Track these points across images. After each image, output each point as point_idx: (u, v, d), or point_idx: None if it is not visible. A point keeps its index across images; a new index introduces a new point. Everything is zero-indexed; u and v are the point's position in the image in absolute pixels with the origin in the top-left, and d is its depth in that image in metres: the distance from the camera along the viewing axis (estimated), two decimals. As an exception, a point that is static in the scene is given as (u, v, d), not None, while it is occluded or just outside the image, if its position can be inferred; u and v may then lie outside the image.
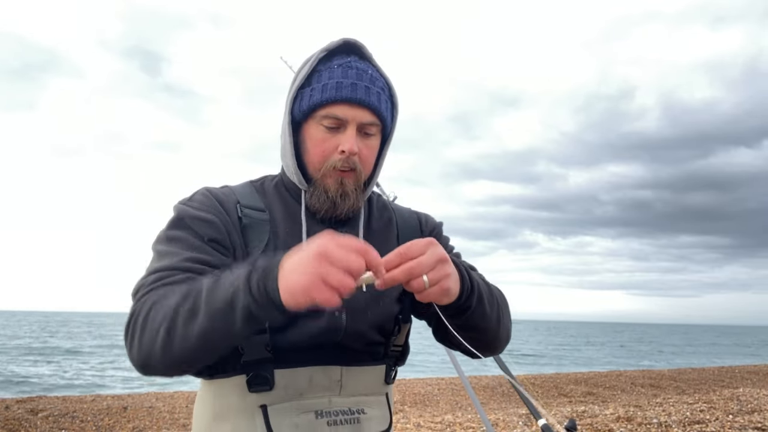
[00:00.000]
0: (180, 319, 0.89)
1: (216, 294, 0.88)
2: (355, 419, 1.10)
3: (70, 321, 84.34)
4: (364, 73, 1.11)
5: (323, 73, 1.11)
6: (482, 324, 1.07)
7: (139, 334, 0.93)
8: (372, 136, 1.12)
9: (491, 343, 1.13)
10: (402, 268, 0.87)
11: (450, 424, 6.68)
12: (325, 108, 1.09)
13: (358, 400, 1.12)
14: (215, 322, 0.88)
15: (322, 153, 1.10)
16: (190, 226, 1.07)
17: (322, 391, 1.08)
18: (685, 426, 5.90)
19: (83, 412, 8.14)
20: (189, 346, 0.89)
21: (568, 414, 6.85)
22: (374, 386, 1.15)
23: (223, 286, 0.88)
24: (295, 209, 1.15)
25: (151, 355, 0.92)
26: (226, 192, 1.15)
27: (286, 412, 1.05)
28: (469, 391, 2.75)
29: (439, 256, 0.91)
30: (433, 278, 0.89)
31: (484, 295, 1.06)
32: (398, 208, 1.31)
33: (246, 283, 0.86)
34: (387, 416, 1.16)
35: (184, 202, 1.12)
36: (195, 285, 0.92)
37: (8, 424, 7.24)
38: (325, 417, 1.07)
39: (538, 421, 2.57)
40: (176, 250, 1.04)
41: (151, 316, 0.93)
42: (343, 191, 1.10)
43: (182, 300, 0.91)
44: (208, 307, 0.88)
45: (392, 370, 1.20)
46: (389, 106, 1.15)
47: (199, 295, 0.90)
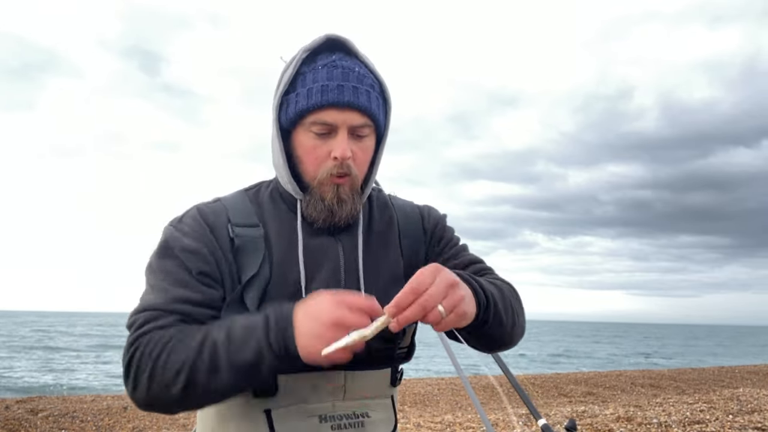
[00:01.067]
0: (200, 375, 0.91)
1: (237, 352, 0.91)
2: (360, 423, 1.09)
3: (70, 321, 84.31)
4: (350, 72, 1.05)
5: (307, 75, 1.05)
6: (498, 332, 1.05)
7: (147, 379, 0.93)
8: (365, 137, 1.08)
9: (503, 344, 1.12)
10: (416, 304, 0.85)
11: (450, 424, 6.67)
12: (313, 114, 1.04)
13: (363, 403, 1.10)
14: (239, 378, 0.92)
15: (315, 161, 1.06)
16: (179, 257, 1.04)
17: (326, 396, 1.07)
18: (685, 426, 5.90)
19: (83, 412, 8.14)
20: (208, 398, 0.95)
21: (568, 414, 6.85)
22: (379, 389, 1.14)
23: (241, 343, 0.91)
24: (291, 221, 1.11)
25: (160, 400, 0.94)
26: (218, 210, 1.10)
27: (290, 417, 1.04)
28: (469, 391, 2.75)
29: (449, 281, 0.89)
30: (448, 306, 0.87)
31: (498, 304, 1.04)
32: (400, 204, 1.26)
33: (266, 341, 0.90)
34: (392, 418, 1.15)
35: (174, 224, 1.09)
36: (207, 337, 0.93)
37: (8, 424, 7.24)
38: (329, 421, 1.06)
39: (538, 421, 2.57)
40: (165, 285, 1.02)
41: (160, 366, 0.93)
42: (339, 198, 1.07)
43: (196, 354, 0.92)
44: (231, 365, 0.91)
45: (398, 371, 1.18)
46: (380, 103, 1.09)
47: (216, 351, 0.92)
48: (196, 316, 1.01)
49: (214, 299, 1.04)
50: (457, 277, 0.92)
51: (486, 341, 1.07)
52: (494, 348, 1.12)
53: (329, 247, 1.11)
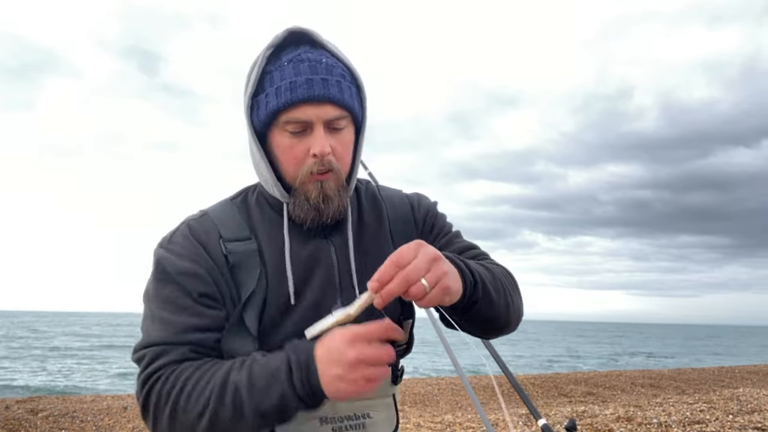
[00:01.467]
0: (224, 419, 0.90)
1: (261, 398, 0.90)
2: (361, 424, 1.08)
3: (68, 321, 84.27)
4: (318, 64, 1.01)
5: (274, 73, 1.02)
6: (491, 313, 1.03)
7: (168, 419, 0.93)
8: (342, 129, 1.04)
9: (500, 328, 1.10)
10: (398, 278, 0.84)
11: (450, 424, 6.67)
12: (285, 113, 1.00)
13: (363, 404, 1.10)
14: (266, 423, 0.92)
15: (294, 160, 1.03)
16: (178, 281, 1.01)
17: None
18: (685, 426, 5.90)
19: (83, 412, 8.13)
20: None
21: (568, 414, 6.85)
22: (380, 389, 1.13)
23: (265, 387, 0.90)
24: (280, 227, 1.08)
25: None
26: (207, 227, 1.07)
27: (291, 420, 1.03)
28: (469, 391, 2.75)
29: (432, 255, 0.87)
30: (431, 280, 0.85)
31: (488, 284, 1.01)
32: (388, 194, 1.23)
33: (291, 387, 0.89)
34: (393, 418, 1.14)
35: (165, 246, 1.05)
36: (227, 380, 0.92)
37: (8, 424, 7.24)
38: (330, 423, 1.05)
39: (538, 421, 2.57)
40: (168, 316, 1.00)
41: (181, 408, 0.92)
42: (325, 195, 1.04)
43: (218, 398, 0.91)
44: (256, 411, 0.90)
45: (399, 369, 1.17)
46: (354, 92, 1.05)
47: (238, 395, 0.90)
48: (205, 342, 1.00)
49: (219, 320, 1.02)
50: (440, 253, 0.90)
51: (480, 324, 1.05)
52: (490, 332, 1.09)
53: (321, 249, 1.09)
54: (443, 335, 1.96)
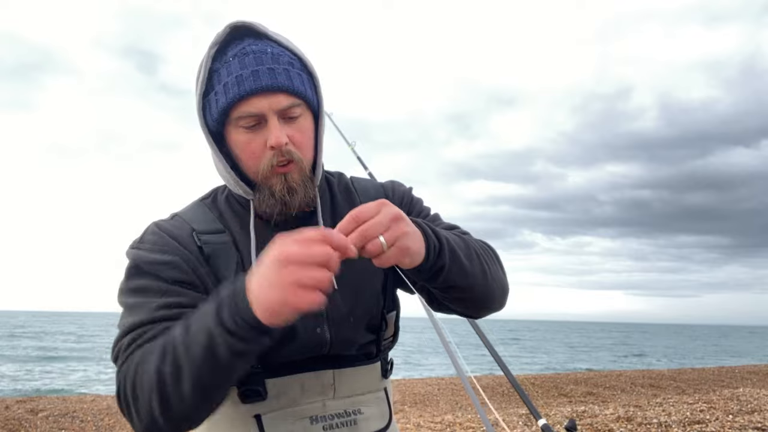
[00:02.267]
0: (167, 383, 0.83)
1: (192, 345, 0.81)
2: (352, 421, 1.07)
3: (67, 321, 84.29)
4: (263, 55, 0.99)
5: (221, 70, 0.99)
6: (465, 282, 0.99)
7: (134, 406, 0.87)
8: (298, 117, 1.01)
9: (483, 300, 1.05)
10: (355, 233, 0.81)
11: (450, 424, 6.67)
12: (235, 108, 0.98)
13: (354, 400, 1.08)
14: (203, 373, 0.81)
15: (253, 155, 1.00)
16: (149, 271, 0.97)
17: (316, 396, 1.05)
18: (685, 426, 5.90)
19: (83, 412, 8.14)
20: (188, 404, 0.84)
21: (568, 414, 6.85)
22: (370, 384, 1.12)
23: (195, 332, 0.82)
24: (247, 221, 1.06)
25: (154, 425, 0.86)
26: (178, 223, 1.04)
27: (281, 421, 1.02)
28: (468, 391, 2.75)
29: (393, 214, 0.84)
30: (390, 238, 0.83)
31: (458, 251, 0.98)
32: (362, 185, 1.20)
33: (217, 321, 0.79)
34: (386, 412, 1.13)
35: (135, 246, 1.02)
36: (167, 339, 0.85)
37: (8, 424, 7.24)
38: (321, 422, 1.04)
39: (538, 421, 2.57)
40: (143, 299, 0.95)
41: (138, 387, 0.86)
42: (289, 187, 1.00)
43: (160, 362, 0.83)
44: (189, 361, 0.81)
45: (387, 363, 1.16)
46: (305, 78, 1.02)
47: (175, 350, 0.83)
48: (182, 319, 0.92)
49: (200, 301, 0.94)
50: (403, 213, 0.87)
51: (456, 294, 1.01)
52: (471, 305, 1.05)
53: None
54: (443, 336, 1.96)
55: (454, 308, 1.08)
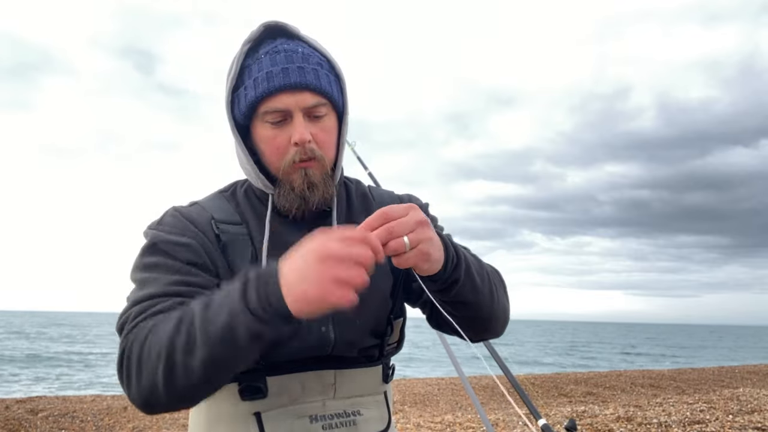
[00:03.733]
0: (178, 353, 0.82)
1: (211, 319, 0.81)
2: (351, 422, 1.07)
3: (66, 321, 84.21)
4: (294, 54, 1.02)
5: (252, 66, 1.03)
6: (474, 299, 1.01)
7: (136, 374, 0.86)
8: (323, 116, 1.04)
9: (487, 321, 1.07)
10: (382, 228, 0.83)
11: (450, 424, 6.67)
12: (263, 103, 1.01)
13: (354, 401, 1.09)
14: (216, 350, 0.80)
15: (277, 150, 1.03)
16: (166, 251, 0.99)
17: (316, 396, 1.05)
18: (685, 426, 5.90)
19: (83, 412, 8.14)
20: (193, 380, 0.83)
21: (568, 414, 6.85)
22: (371, 386, 1.12)
23: (217, 309, 0.81)
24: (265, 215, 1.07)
25: (152, 393, 0.85)
26: (197, 210, 1.07)
27: (281, 419, 1.02)
28: (468, 391, 2.75)
29: (420, 218, 0.87)
30: (413, 240, 0.85)
31: (472, 267, 1.01)
32: (380, 194, 1.22)
33: (242, 301, 0.80)
34: (385, 415, 1.13)
35: (153, 227, 1.04)
36: (186, 312, 0.85)
37: (8, 424, 7.24)
38: (320, 421, 1.04)
39: (538, 421, 2.56)
40: (157, 275, 0.96)
41: (146, 352, 0.85)
42: (309, 183, 1.03)
43: (175, 332, 0.83)
44: (206, 336, 0.80)
45: (389, 368, 1.17)
46: (333, 79, 1.06)
47: (192, 323, 0.82)
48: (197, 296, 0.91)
49: (214, 285, 0.97)
50: (429, 221, 0.90)
51: (463, 309, 1.02)
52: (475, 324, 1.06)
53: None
54: (443, 336, 1.96)
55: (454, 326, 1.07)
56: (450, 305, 1.02)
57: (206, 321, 0.81)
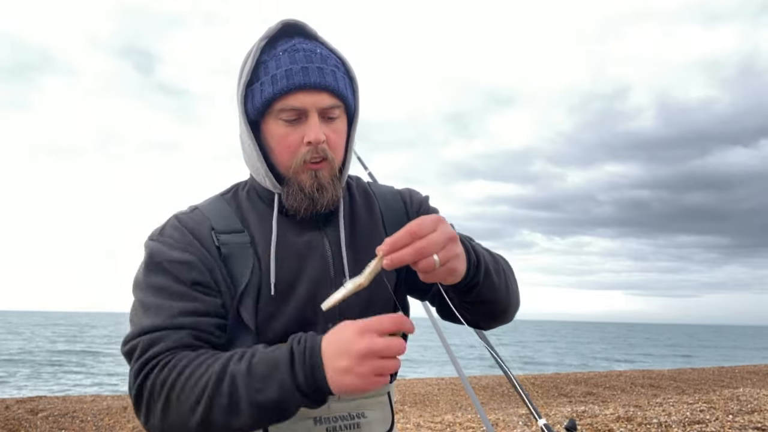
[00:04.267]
0: (218, 411, 0.86)
1: (259, 389, 0.85)
2: (355, 424, 1.07)
3: (64, 321, 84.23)
4: (313, 54, 1.03)
5: (269, 63, 1.02)
6: (492, 296, 1.04)
7: (161, 410, 0.89)
8: (336, 119, 1.05)
9: (502, 313, 1.10)
10: (413, 247, 0.83)
11: (450, 424, 6.67)
12: (280, 100, 1.01)
13: (358, 403, 1.09)
14: (263, 418, 0.87)
15: (289, 149, 1.03)
16: (169, 270, 0.99)
17: None
18: (685, 426, 5.89)
19: (83, 412, 8.13)
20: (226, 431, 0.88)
21: (568, 414, 6.85)
22: None
23: (263, 379, 0.85)
24: (269, 217, 1.08)
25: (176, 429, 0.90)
26: (198, 219, 1.06)
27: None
28: (468, 391, 2.75)
29: (450, 234, 0.87)
30: (443, 258, 0.85)
31: (491, 268, 1.03)
32: (380, 190, 1.22)
33: (293, 381, 0.84)
34: (388, 417, 1.14)
35: (155, 238, 1.04)
36: (224, 369, 0.88)
37: (8, 424, 7.24)
38: (324, 423, 1.05)
39: (538, 421, 2.56)
40: (161, 302, 0.97)
41: (175, 394, 0.88)
42: (319, 184, 1.03)
43: (215, 388, 0.86)
44: (253, 404, 0.85)
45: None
46: (347, 82, 1.07)
47: (235, 387, 0.86)
48: (204, 327, 0.96)
49: (218, 307, 0.99)
50: (456, 234, 0.90)
51: (481, 307, 1.05)
52: (490, 317, 1.09)
53: (316, 241, 1.08)
54: (443, 336, 1.96)
55: (467, 317, 1.10)
56: (468, 304, 1.04)
57: (252, 389, 0.85)
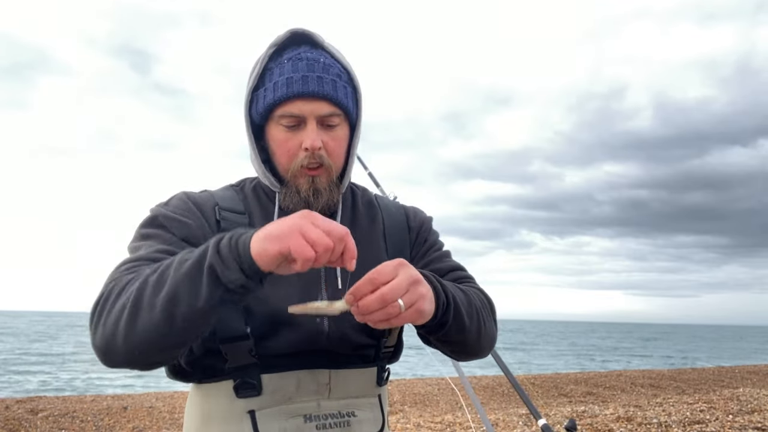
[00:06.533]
0: (147, 290, 0.85)
1: (186, 260, 0.85)
2: (345, 422, 1.08)
3: (63, 321, 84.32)
4: (315, 63, 1.07)
5: (274, 70, 1.08)
6: (460, 338, 1.03)
7: (105, 316, 0.88)
8: (336, 126, 1.08)
9: (470, 353, 1.10)
10: (375, 295, 0.83)
11: (450, 424, 6.68)
12: (280, 107, 1.06)
13: (348, 402, 1.10)
14: (180, 287, 0.83)
15: (287, 153, 1.08)
16: (165, 224, 1.04)
17: (311, 395, 1.06)
18: (685, 426, 5.90)
19: (83, 412, 8.14)
20: (153, 319, 0.84)
21: (568, 414, 6.85)
22: (365, 388, 1.13)
23: (194, 252, 0.86)
24: (271, 211, 1.13)
25: (114, 336, 0.86)
26: (205, 196, 1.12)
27: (275, 417, 1.03)
28: (468, 391, 2.75)
29: (412, 277, 0.87)
30: (407, 301, 0.86)
31: (462, 308, 1.02)
32: (385, 203, 1.26)
33: (216, 242, 0.84)
34: (379, 418, 1.14)
35: (160, 205, 1.09)
36: (168, 259, 0.90)
37: (8, 424, 7.24)
38: (314, 421, 1.05)
39: (538, 421, 2.57)
40: (150, 243, 1.01)
41: (120, 295, 0.88)
42: (315, 189, 1.08)
43: (152, 272, 0.88)
44: (176, 274, 0.84)
45: (384, 371, 1.17)
46: (350, 92, 1.10)
47: (170, 264, 0.87)
48: None
49: None
50: (420, 275, 0.90)
51: (448, 345, 1.07)
52: (458, 354, 1.11)
53: None
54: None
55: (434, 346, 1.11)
56: (436, 341, 1.05)
57: (181, 262, 0.86)
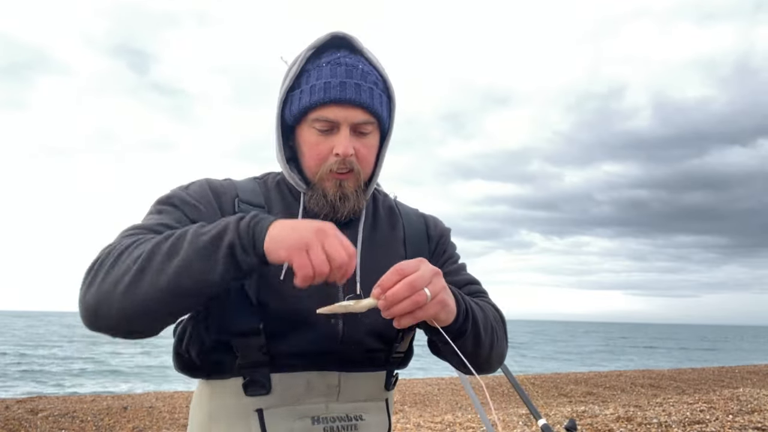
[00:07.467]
0: (158, 256, 0.87)
1: (202, 234, 0.88)
2: (353, 426, 1.08)
3: (62, 321, 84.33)
4: (354, 69, 1.06)
5: (312, 72, 1.07)
6: (475, 350, 1.04)
7: (104, 274, 0.88)
8: (368, 134, 1.08)
9: (481, 366, 1.10)
10: (404, 282, 0.85)
11: (450, 424, 6.68)
12: (315, 111, 1.05)
13: (356, 406, 1.10)
14: (196, 258, 0.87)
15: (318, 156, 1.07)
16: (177, 205, 1.05)
17: (320, 397, 1.06)
18: (685, 426, 5.90)
19: (83, 412, 8.14)
20: (158, 284, 0.86)
21: (568, 414, 6.85)
22: (374, 392, 1.13)
23: (213, 225, 0.90)
24: (294, 209, 1.12)
25: (108, 297, 0.87)
26: (227, 185, 1.12)
27: (282, 417, 1.03)
28: (468, 391, 2.75)
29: (434, 270, 0.90)
30: (432, 290, 0.88)
31: (479, 320, 1.03)
32: (406, 210, 1.26)
33: (237, 222, 0.89)
34: (386, 422, 1.14)
35: (180, 188, 1.10)
36: (181, 228, 0.91)
37: (8, 424, 7.24)
38: (322, 423, 1.05)
39: (538, 421, 2.57)
40: (159, 217, 1.02)
41: (124, 255, 0.89)
42: (342, 194, 1.07)
43: (163, 239, 0.89)
44: (193, 245, 0.87)
45: (393, 376, 1.17)
46: (384, 100, 1.10)
47: (183, 235, 0.89)
48: None
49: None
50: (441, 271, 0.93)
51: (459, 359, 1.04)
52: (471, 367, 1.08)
53: None
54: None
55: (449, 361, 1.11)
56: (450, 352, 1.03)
57: (198, 234, 0.89)
